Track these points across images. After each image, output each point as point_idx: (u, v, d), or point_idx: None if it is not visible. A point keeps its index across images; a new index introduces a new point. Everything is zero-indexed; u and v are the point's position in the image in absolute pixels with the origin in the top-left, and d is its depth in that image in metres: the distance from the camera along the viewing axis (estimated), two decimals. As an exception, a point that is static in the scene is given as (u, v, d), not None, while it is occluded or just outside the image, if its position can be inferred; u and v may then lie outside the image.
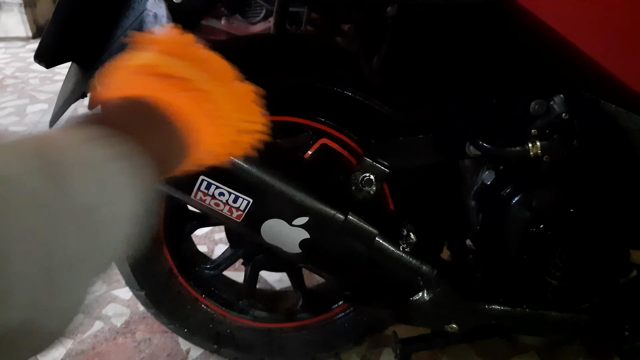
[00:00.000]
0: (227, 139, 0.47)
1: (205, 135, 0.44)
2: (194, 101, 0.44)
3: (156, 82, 0.42)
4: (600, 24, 0.61)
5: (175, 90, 0.43)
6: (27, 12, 3.81)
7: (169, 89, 0.43)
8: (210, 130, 0.44)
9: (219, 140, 0.46)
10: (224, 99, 0.47)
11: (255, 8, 2.10)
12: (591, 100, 0.67)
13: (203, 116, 0.44)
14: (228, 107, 0.47)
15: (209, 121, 0.44)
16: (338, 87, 0.78)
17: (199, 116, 0.43)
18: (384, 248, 0.71)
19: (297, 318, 1.04)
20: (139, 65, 0.43)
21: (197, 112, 0.43)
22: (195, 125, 0.42)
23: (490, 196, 0.79)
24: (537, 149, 0.71)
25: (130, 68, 0.43)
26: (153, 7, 0.59)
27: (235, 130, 0.48)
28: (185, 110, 0.42)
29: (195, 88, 0.44)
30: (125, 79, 0.43)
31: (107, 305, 1.28)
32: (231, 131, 0.47)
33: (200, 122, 0.43)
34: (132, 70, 0.43)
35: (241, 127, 0.49)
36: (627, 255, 0.81)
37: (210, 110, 0.45)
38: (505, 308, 0.83)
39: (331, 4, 1.02)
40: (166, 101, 0.41)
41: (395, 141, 0.78)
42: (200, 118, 0.43)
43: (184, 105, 0.42)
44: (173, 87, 0.43)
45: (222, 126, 0.46)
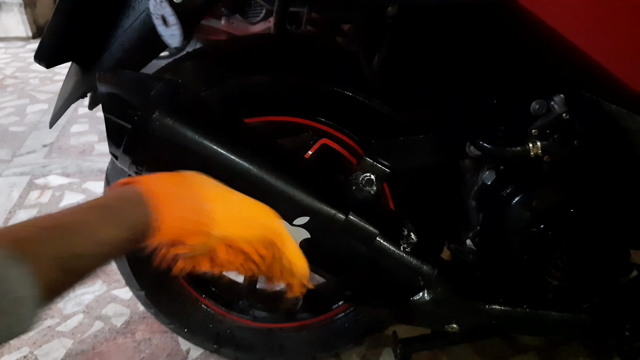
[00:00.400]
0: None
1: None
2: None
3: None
4: (601, 24, 0.61)
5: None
6: (27, 12, 3.81)
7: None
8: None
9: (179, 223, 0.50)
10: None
11: (255, 8, 2.10)
12: (591, 100, 0.66)
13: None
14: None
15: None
16: (338, 87, 0.78)
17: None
18: (385, 248, 0.71)
19: (297, 318, 1.04)
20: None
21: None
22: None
23: (490, 196, 0.79)
24: (538, 149, 0.71)
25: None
26: (157, 10, 0.59)
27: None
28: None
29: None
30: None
31: (107, 305, 1.28)
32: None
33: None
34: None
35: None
36: (627, 255, 0.81)
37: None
38: (506, 308, 0.83)
39: (331, 4, 1.02)
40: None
41: (396, 141, 0.78)
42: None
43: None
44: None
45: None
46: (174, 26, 0.60)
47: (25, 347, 1.15)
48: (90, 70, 0.75)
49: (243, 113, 0.78)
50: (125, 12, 0.69)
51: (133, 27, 0.68)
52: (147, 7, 0.64)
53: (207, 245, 0.51)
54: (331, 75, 0.79)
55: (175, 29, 0.60)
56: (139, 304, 1.05)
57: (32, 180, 1.84)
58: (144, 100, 0.59)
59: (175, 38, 0.61)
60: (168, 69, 0.79)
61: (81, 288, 1.33)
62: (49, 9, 4.04)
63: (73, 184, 1.83)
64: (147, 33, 0.67)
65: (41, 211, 1.66)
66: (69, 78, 0.81)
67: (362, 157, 0.76)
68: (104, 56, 0.72)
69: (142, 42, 0.69)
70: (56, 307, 1.26)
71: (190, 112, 0.62)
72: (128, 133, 0.59)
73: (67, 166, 1.95)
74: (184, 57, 0.82)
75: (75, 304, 1.28)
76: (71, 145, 2.13)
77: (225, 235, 0.51)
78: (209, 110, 0.67)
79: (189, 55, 0.84)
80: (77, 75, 0.78)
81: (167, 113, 0.59)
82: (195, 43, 2.12)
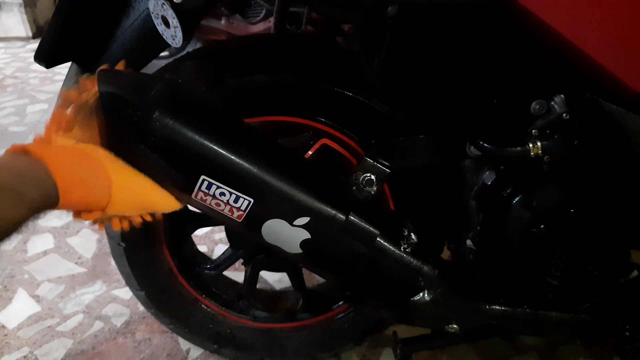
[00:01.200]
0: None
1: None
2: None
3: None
4: (601, 24, 0.61)
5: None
6: (27, 12, 3.81)
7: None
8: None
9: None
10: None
11: (255, 8, 2.10)
12: (591, 100, 0.66)
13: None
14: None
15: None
16: (338, 87, 0.78)
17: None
18: (385, 248, 0.71)
19: (297, 318, 1.04)
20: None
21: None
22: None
23: (490, 196, 0.79)
24: (538, 149, 0.71)
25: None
26: (158, 10, 0.59)
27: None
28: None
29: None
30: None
31: (107, 305, 1.28)
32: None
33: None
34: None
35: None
36: (628, 255, 0.81)
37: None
38: (506, 308, 0.83)
39: (331, 4, 1.02)
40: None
41: (396, 141, 0.78)
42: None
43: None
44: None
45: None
46: (175, 26, 0.60)
47: (25, 347, 1.15)
48: (90, 70, 0.75)
49: (243, 113, 0.78)
50: (125, 12, 0.69)
51: (133, 27, 0.68)
52: (147, 7, 0.64)
53: (102, 218, 0.60)
54: (331, 75, 0.79)
55: (175, 29, 0.60)
56: (139, 304, 1.05)
57: (32, 180, 1.84)
58: (144, 100, 0.59)
59: (175, 38, 0.61)
60: (168, 69, 0.79)
61: (81, 288, 1.33)
62: (49, 9, 4.04)
63: (73, 184, 1.83)
64: (147, 33, 0.67)
65: (41, 211, 1.66)
66: (69, 78, 0.81)
67: (362, 157, 0.76)
68: (104, 56, 0.72)
69: (142, 42, 0.69)
70: (56, 307, 1.27)
71: (190, 112, 0.62)
72: (128, 133, 0.59)
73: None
74: (184, 57, 0.82)
75: (75, 304, 1.28)
76: (71, 145, 2.13)
77: (117, 213, 0.60)
78: (209, 110, 0.67)
79: (189, 55, 0.84)
80: (77, 75, 0.78)
81: (167, 113, 0.59)
82: (195, 43, 2.12)
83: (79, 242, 1.51)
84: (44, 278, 1.36)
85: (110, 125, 0.60)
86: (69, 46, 0.72)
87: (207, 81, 0.76)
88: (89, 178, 0.55)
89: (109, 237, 0.91)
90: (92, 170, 0.56)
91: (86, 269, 1.40)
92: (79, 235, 1.54)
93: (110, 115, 0.59)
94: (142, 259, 0.93)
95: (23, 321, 1.22)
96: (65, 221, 1.60)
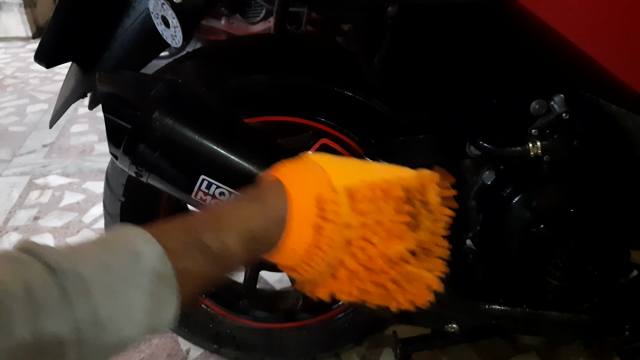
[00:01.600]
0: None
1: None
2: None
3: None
4: (601, 24, 0.61)
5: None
6: (27, 12, 3.81)
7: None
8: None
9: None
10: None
11: (255, 8, 2.10)
12: (591, 100, 0.67)
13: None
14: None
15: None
16: (338, 87, 0.78)
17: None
18: (384, 248, 0.71)
19: (297, 318, 1.04)
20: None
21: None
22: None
23: (490, 196, 0.79)
24: (538, 149, 0.71)
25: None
26: (158, 10, 0.59)
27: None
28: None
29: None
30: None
31: (107, 305, 1.27)
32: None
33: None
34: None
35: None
36: (627, 255, 0.81)
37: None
38: (506, 308, 0.83)
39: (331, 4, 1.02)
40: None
41: (396, 141, 0.78)
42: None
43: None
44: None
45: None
46: (175, 26, 0.60)
47: (25, 347, 1.15)
48: (90, 70, 0.75)
49: (243, 113, 0.78)
50: (125, 12, 0.69)
51: (133, 27, 0.68)
52: (147, 7, 0.64)
53: (341, 206, 0.46)
54: (331, 75, 0.79)
55: (175, 29, 0.60)
56: (139, 304, 1.04)
57: (32, 180, 1.84)
58: (144, 100, 0.59)
59: (175, 38, 0.61)
60: (168, 69, 0.79)
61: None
62: (49, 9, 4.04)
63: (73, 184, 1.83)
64: (147, 33, 0.67)
65: (41, 211, 1.66)
66: (69, 78, 0.81)
67: (362, 157, 0.76)
68: (104, 56, 0.72)
69: (142, 42, 0.69)
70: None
71: (190, 112, 0.62)
72: (128, 133, 0.59)
73: (67, 166, 1.95)
74: (184, 57, 0.82)
75: (75, 304, 1.28)
76: (71, 145, 2.13)
77: (351, 185, 0.47)
78: (209, 110, 0.67)
79: (189, 55, 0.84)
80: (77, 75, 0.78)
81: (167, 113, 0.59)
82: (195, 43, 2.12)
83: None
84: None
85: (110, 125, 0.60)
86: (69, 46, 0.72)
87: (207, 81, 0.76)
88: (309, 175, 0.49)
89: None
90: (309, 168, 0.50)
91: (86, 269, 1.40)
92: (79, 236, 1.54)
93: (110, 115, 0.59)
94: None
95: (23, 321, 1.22)
96: (65, 221, 1.60)
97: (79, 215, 1.64)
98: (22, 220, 1.62)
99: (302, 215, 0.46)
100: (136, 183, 0.72)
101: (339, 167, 0.51)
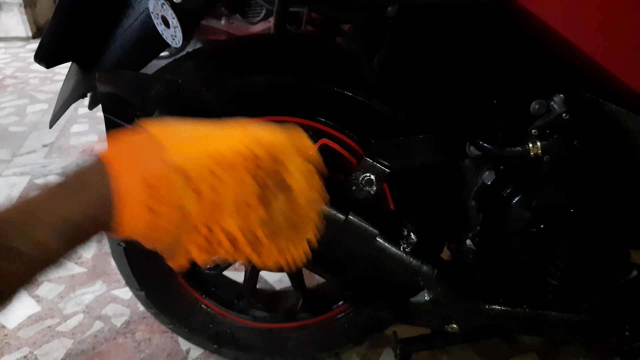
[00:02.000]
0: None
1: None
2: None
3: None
4: (600, 24, 0.61)
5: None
6: (27, 12, 3.81)
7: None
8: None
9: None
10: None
11: (255, 8, 2.10)
12: (591, 100, 0.67)
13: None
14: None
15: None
16: (338, 87, 0.78)
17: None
18: (385, 248, 0.71)
19: (297, 318, 1.04)
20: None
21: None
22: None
23: (490, 196, 0.79)
24: (538, 149, 0.71)
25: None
26: (158, 10, 0.59)
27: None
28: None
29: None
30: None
31: (107, 305, 1.28)
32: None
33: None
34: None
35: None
36: (627, 255, 0.81)
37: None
38: (506, 308, 0.83)
39: (331, 4, 1.02)
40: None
41: (396, 141, 0.78)
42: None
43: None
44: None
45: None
46: (175, 26, 0.60)
47: (25, 347, 1.15)
48: (90, 70, 0.75)
49: (243, 113, 0.78)
50: (125, 12, 0.69)
51: (133, 27, 0.68)
52: (147, 7, 0.64)
53: (175, 186, 0.42)
54: (331, 75, 0.79)
55: (175, 29, 0.60)
56: (139, 304, 1.05)
57: (32, 180, 1.84)
58: (144, 100, 0.59)
59: (175, 38, 0.61)
60: (168, 69, 0.79)
61: (81, 288, 1.33)
62: (49, 9, 4.04)
63: (73, 184, 1.83)
64: (147, 33, 0.67)
65: (41, 211, 1.66)
66: (69, 78, 0.81)
67: (362, 157, 0.76)
68: (104, 56, 0.72)
69: (142, 42, 0.69)
70: (56, 307, 1.27)
71: (190, 112, 0.62)
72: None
73: (67, 166, 1.95)
74: (184, 57, 0.82)
75: (75, 304, 1.28)
76: (71, 145, 2.13)
77: (183, 160, 0.42)
78: (209, 111, 0.67)
79: (189, 55, 0.84)
80: (77, 75, 0.78)
81: (167, 113, 0.59)
82: (195, 43, 2.12)
83: (79, 242, 1.51)
84: (43, 278, 1.36)
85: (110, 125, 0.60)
86: (69, 46, 0.72)
87: (207, 81, 0.76)
88: (144, 153, 0.43)
89: (109, 237, 0.91)
90: (145, 144, 0.43)
91: (86, 269, 1.40)
92: (79, 235, 1.54)
93: (110, 115, 0.59)
94: (142, 259, 0.93)
95: (23, 321, 1.22)
96: (65, 221, 1.60)
97: (79, 215, 1.63)
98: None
99: (132, 195, 0.41)
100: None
101: (178, 137, 0.45)
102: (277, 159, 0.47)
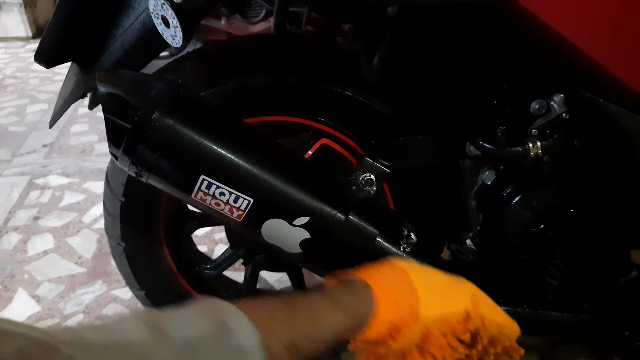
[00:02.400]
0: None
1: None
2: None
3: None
4: (600, 24, 0.61)
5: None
6: (27, 12, 3.81)
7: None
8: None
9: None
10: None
11: (255, 8, 2.11)
12: (591, 100, 0.67)
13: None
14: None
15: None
16: (338, 87, 0.78)
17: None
18: (385, 248, 0.71)
19: (297, 318, 1.04)
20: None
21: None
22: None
23: (490, 196, 0.79)
24: (538, 149, 0.71)
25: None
26: (158, 10, 0.59)
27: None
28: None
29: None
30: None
31: (107, 305, 1.28)
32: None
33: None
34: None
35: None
36: (627, 255, 0.81)
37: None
38: (506, 308, 0.83)
39: (331, 4, 1.02)
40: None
41: (396, 141, 0.78)
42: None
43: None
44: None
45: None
46: (175, 26, 0.60)
47: (25, 347, 1.15)
48: (90, 70, 0.75)
49: (243, 113, 0.78)
50: (125, 12, 0.69)
51: (133, 27, 0.68)
52: (147, 7, 0.64)
53: (415, 334, 0.53)
54: (331, 75, 0.79)
55: (175, 29, 0.60)
56: (139, 304, 1.05)
57: (32, 180, 1.84)
58: (144, 100, 0.59)
59: (175, 38, 0.61)
60: (168, 69, 0.79)
61: (81, 288, 1.33)
62: (49, 9, 4.04)
63: (73, 184, 1.83)
64: (147, 33, 0.67)
65: (41, 211, 1.66)
66: (69, 78, 0.81)
67: (362, 157, 0.76)
68: (104, 56, 0.72)
69: (142, 42, 0.69)
70: (56, 307, 1.27)
71: (190, 112, 0.62)
72: (128, 133, 0.59)
73: (67, 166, 1.95)
74: (184, 57, 0.82)
75: (75, 304, 1.28)
76: (71, 145, 2.13)
77: (431, 318, 0.53)
78: (209, 111, 0.67)
79: (189, 55, 0.84)
80: (77, 75, 0.78)
81: (167, 113, 0.59)
82: (195, 43, 2.12)
83: (79, 242, 1.51)
84: (44, 278, 1.36)
85: (110, 125, 0.60)
86: (69, 46, 0.72)
87: (207, 81, 0.76)
88: (397, 284, 0.55)
89: (109, 237, 0.91)
90: (397, 275, 0.56)
91: (86, 269, 1.40)
92: (79, 235, 1.54)
93: (110, 115, 0.59)
94: (142, 259, 0.93)
95: (23, 321, 1.22)
96: (65, 221, 1.61)
97: (79, 215, 1.64)
98: (22, 220, 1.62)
99: (380, 325, 0.53)
100: (136, 183, 0.72)
101: (427, 284, 0.56)
102: (494, 341, 0.59)
